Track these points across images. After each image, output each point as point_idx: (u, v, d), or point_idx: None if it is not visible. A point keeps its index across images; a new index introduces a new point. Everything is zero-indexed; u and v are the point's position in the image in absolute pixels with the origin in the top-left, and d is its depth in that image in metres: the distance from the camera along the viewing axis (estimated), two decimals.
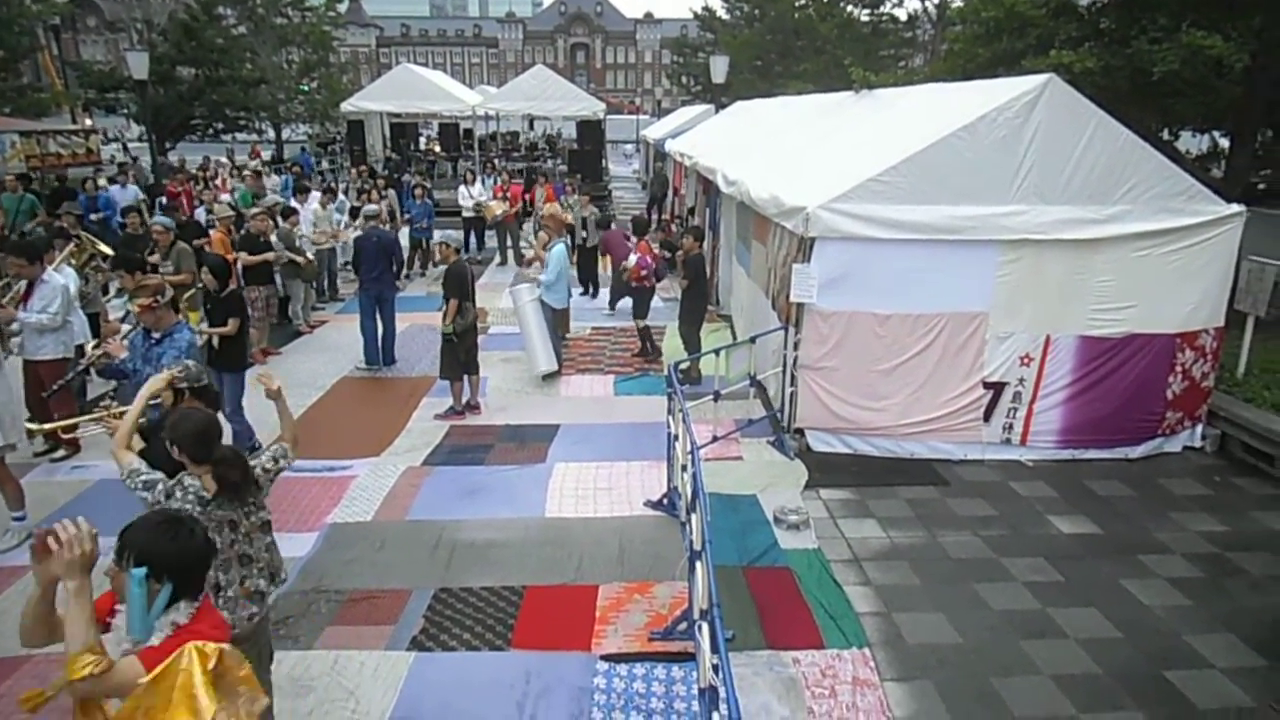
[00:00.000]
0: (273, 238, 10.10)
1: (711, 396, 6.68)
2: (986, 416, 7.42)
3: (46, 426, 5.58)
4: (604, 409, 8.68)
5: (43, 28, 29.92)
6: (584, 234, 13.54)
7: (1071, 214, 7.03)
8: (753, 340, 7.32)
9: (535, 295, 9.30)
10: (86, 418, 5.06)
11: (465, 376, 8.57)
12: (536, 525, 6.22)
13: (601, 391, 9.24)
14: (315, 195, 13.40)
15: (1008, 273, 7.14)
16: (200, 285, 7.26)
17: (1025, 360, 7.31)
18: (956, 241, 7.03)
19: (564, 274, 9.37)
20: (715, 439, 6.98)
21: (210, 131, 36.89)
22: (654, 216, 21.94)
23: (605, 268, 12.88)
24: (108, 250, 8.66)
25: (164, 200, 17.06)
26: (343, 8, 39.87)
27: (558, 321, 9.72)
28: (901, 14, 30.75)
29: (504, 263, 16.24)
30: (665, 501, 6.41)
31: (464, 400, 8.56)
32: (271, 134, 41.88)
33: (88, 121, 23.66)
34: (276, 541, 3.93)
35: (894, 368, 7.30)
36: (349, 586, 5.38)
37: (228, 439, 7.32)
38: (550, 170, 23.86)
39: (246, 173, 17.85)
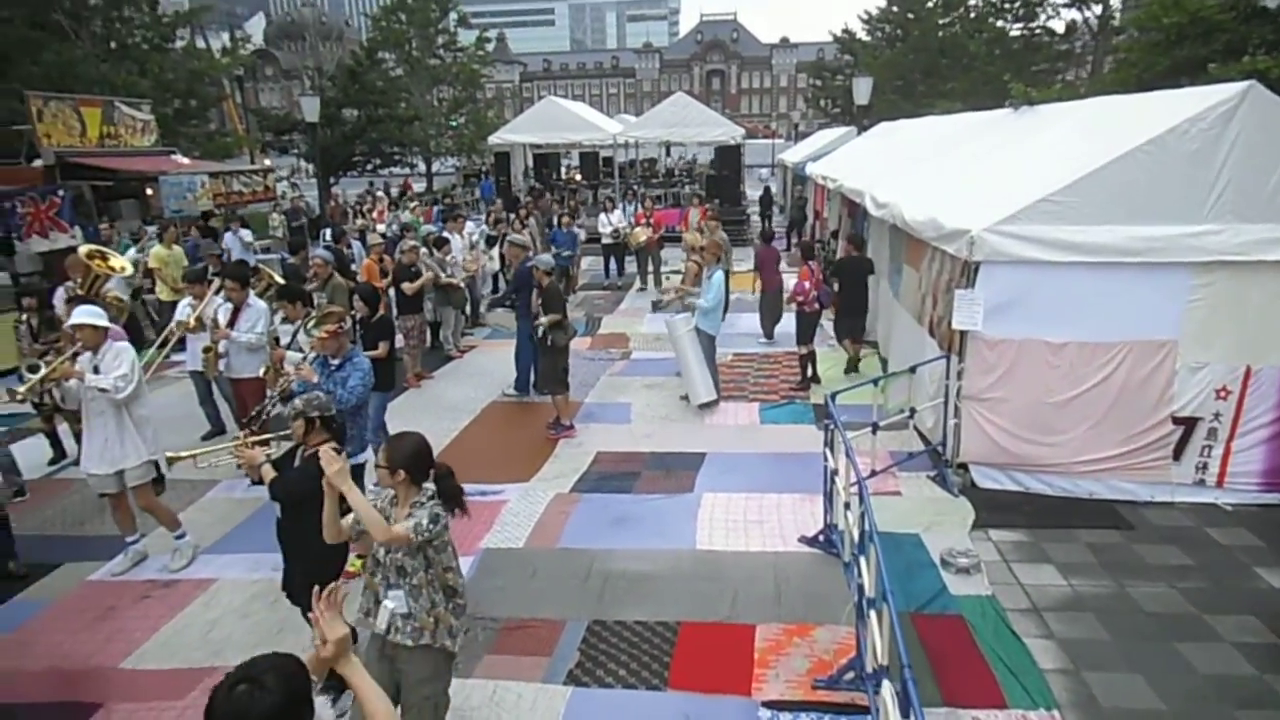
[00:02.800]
0: (425, 260, 10.43)
1: (869, 429, 6.38)
2: (1177, 455, 6.75)
3: (183, 454, 5.34)
4: (750, 438, 8.48)
5: (228, 78, 32.77)
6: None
7: (1274, 233, 6.34)
8: (912, 370, 6.97)
9: (692, 325, 9.21)
10: (219, 447, 5.21)
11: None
12: (688, 557, 6.08)
13: (747, 419, 9.04)
14: (470, 224, 13.90)
15: (1201, 297, 6.49)
16: (353, 314, 7.56)
17: (1222, 393, 6.62)
18: (1141, 264, 6.45)
19: (722, 301, 9.25)
20: (874, 473, 6.65)
21: (369, 167, 39.35)
22: (791, 240, 21.63)
23: (755, 288, 12.63)
24: (281, 280, 9.19)
25: (329, 232, 18.24)
26: (490, 47, 41.65)
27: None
28: (1058, 26, 29.16)
29: (644, 288, 16.32)
30: (821, 538, 6.14)
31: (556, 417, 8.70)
32: (423, 167, 44.27)
33: (266, 161, 25.57)
34: None
35: (1070, 400, 6.76)
36: (504, 614, 5.39)
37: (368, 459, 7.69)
38: (688, 196, 23.93)
39: (414, 204, 18.75)
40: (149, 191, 16.05)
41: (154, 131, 18.13)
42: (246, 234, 14.90)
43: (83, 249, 8.74)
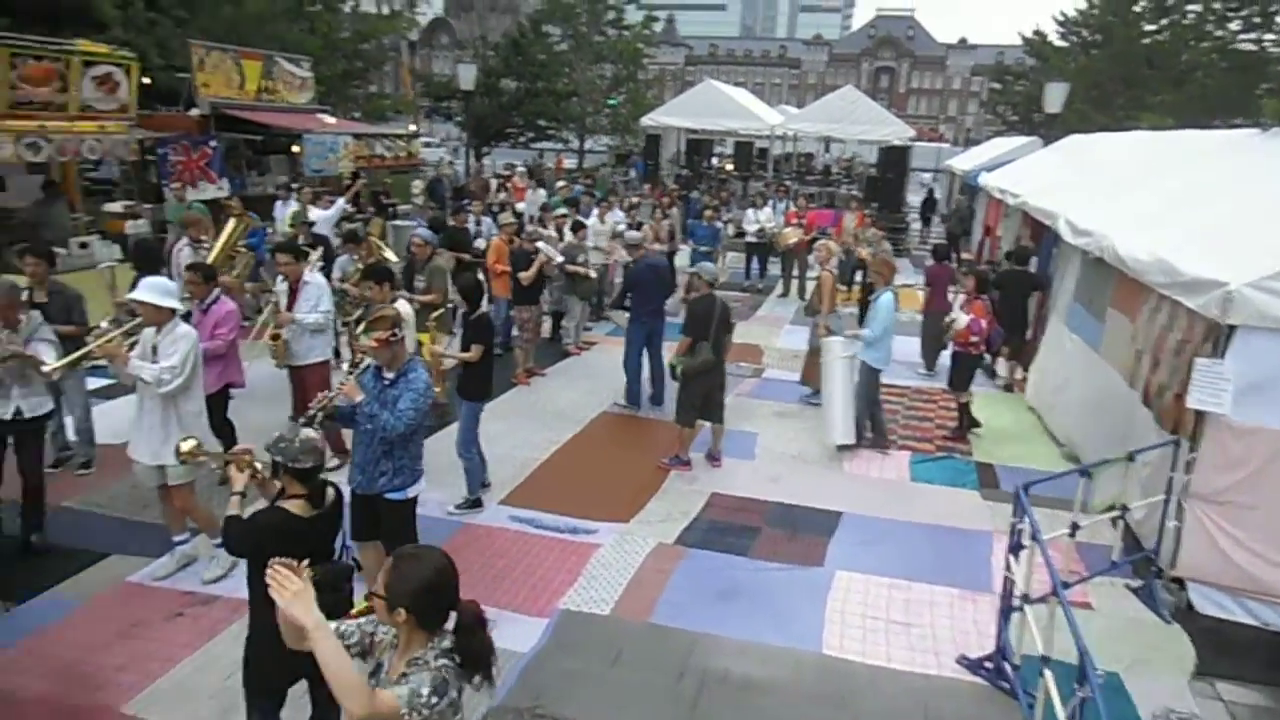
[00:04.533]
0: (541, 246, 9.45)
1: (1067, 532, 4.91)
2: None
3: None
4: (899, 498, 7.06)
5: (405, 44, 33.34)
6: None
7: None
8: (1130, 458, 5.41)
9: (851, 351, 7.84)
10: (223, 454, 4.12)
11: (706, 424, 7.48)
12: (810, 665, 4.80)
13: (894, 473, 7.62)
14: (618, 212, 12.91)
15: None
16: (450, 305, 6.65)
17: None
18: None
19: (890, 330, 7.83)
20: (1067, 585, 5.17)
21: (521, 140, 39.36)
22: (952, 256, 19.61)
23: (920, 310, 11.07)
24: (394, 257, 8.44)
25: (467, 202, 17.72)
26: (658, 27, 40.80)
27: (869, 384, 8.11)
28: None
29: (786, 294, 14.93)
30: (989, 665, 4.74)
31: (690, 452, 7.52)
32: (577, 144, 44.02)
33: (411, 127, 25.65)
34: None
35: None
36: (572, 717, 4.30)
37: (455, 478, 6.81)
38: (845, 197, 22.22)
39: (562, 184, 17.99)
40: (295, 149, 15.91)
41: (310, 89, 18.07)
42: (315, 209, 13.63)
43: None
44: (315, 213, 11.95)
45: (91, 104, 11.40)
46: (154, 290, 4.99)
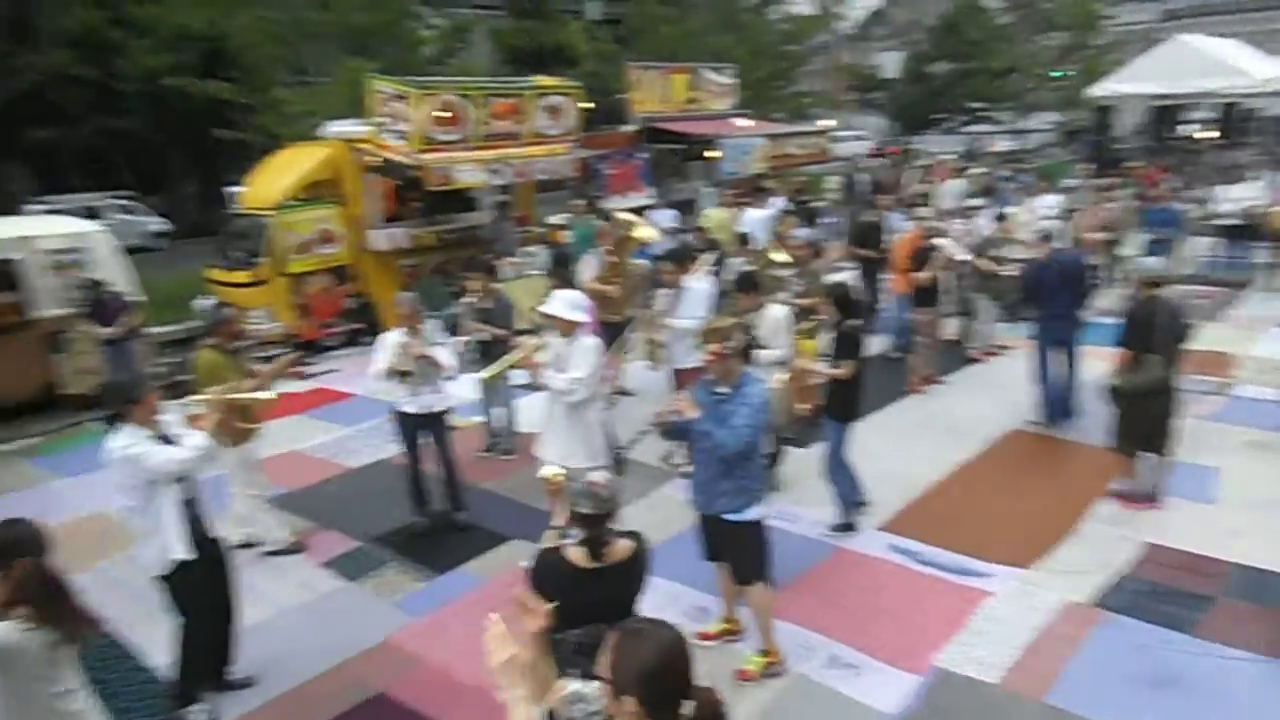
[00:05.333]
0: (939, 242, 8.50)
1: None
2: None
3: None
4: None
5: (838, 39, 33.50)
6: None
7: None
8: None
9: None
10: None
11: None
12: None
13: None
14: (1050, 198, 11.32)
15: None
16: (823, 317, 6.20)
17: None
18: None
19: None
20: None
21: (950, 125, 37.07)
22: None
23: None
24: (787, 258, 8.22)
25: (877, 196, 16.99)
26: None
27: None
28: None
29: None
30: None
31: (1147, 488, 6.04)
32: (1014, 124, 40.32)
33: (822, 123, 25.43)
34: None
35: None
36: None
37: (815, 499, 6.35)
38: None
39: (977, 170, 16.45)
40: (711, 154, 16.58)
41: (731, 95, 18.74)
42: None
43: (619, 214, 8.82)
44: (751, 213, 12.34)
45: (542, 131, 12.98)
46: (564, 304, 5.33)
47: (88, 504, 6.88)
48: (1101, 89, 22.26)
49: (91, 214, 23.34)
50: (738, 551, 4.46)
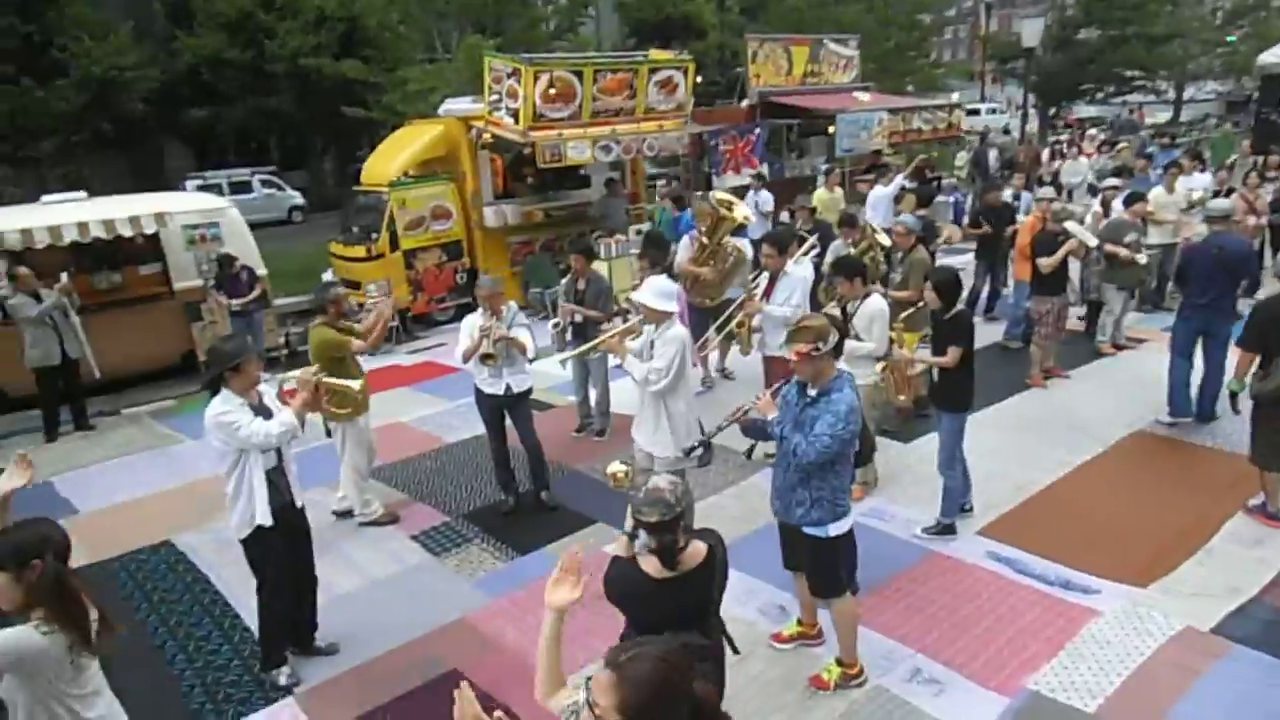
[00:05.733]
0: (1071, 226, 7.85)
1: None
2: None
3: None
4: None
5: (983, 6, 31.73)
6: None
7: None
8: None
9: None
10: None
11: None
12: None
13: None
14: (1201, 176, 10.28)
15: None
16: (923, 304, 5.82)
17: None
18: None
19: None
20: None
21: (1099, 95, 34.55)
22: None
23: None
24: (887, 242, 7.81)
25: (1008, 174, 15.99)
26: None
27: None
28: None
29: None
30: None
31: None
32: (1171, 94, 37.27)
33: (954, 96, 24.10)
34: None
35: None
36: None
37: (928, 493, 5.98)
38: None
39: (1123, 144, 15.16)
40: (831, 129, 16.01)
41: (855, 67, 18.05)
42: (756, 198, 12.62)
43: (716, 194, 8.59)
44: (876, 190, 11.93)
45: (654, 106, 12.83)
46: (653, 292, 5.20)
47: (204, 467, 7.28)
48: (1273, 54, 20.10)
49: (239, 188, 25.13)
50: (815, 567, 4.23)
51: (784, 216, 12.41)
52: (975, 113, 38.87)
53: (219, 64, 22.92)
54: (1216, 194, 10.32)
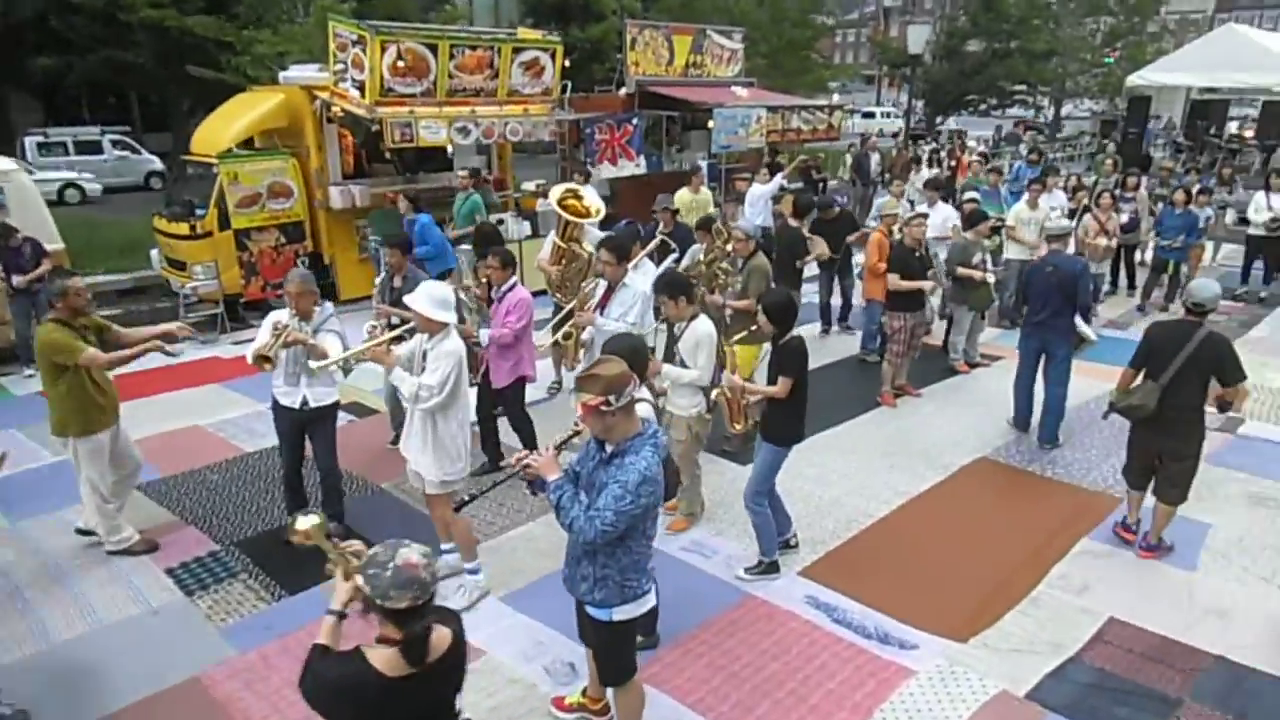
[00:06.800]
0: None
1: None
2: None
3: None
4: None
5: (882, 10, 31.96)
6: None
7: None
8: None
9: None
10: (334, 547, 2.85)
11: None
12: None
13: None
14: (1053, 196, 10.22)
15: None
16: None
17: None
18: None
19: None
20: None
21: (982, 107, 35.50)
22: None
23: None
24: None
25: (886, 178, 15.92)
26: None
27: None
28: None
29: None
30: None
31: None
32: (1051, 111, 38.69)
33: (836, 98, 24.15)
34: None
35: None
36: None
37: (740, 531, 5.47)
38: None
39: (970, 159, 15.15)
40: (711, 124, 15.55)
41: (739, 61, 17.62)
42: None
43: (555, 190, 7.92)
44: (754, 189, 11.50)
45: (518, 89, 12.04)
46: (427, 299, 4.53)
47: None
48: (1140, 77, 20.88)
49: (87, 149, 22.95)
50: (598, 651, 3.65)
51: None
52: (871, 115, 39.55)
53: (67, 9, 20.70)
54: (1073, 213, 10.32)
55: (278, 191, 10.93)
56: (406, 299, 4.73)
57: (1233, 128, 26.23)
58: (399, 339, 4.83)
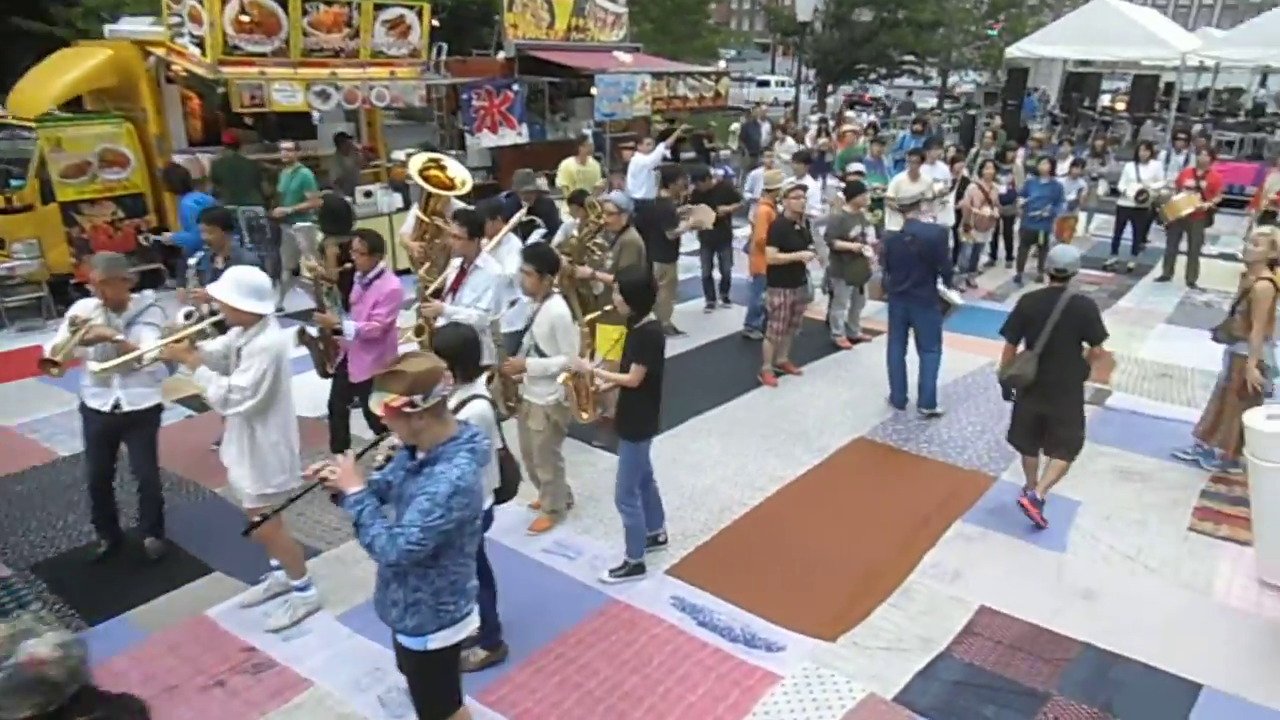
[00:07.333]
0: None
1: None
2: None
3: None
4: None
5: None
6: None
7: None
8: None
9: None
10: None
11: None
12: None
13: None
14: (933, 168, 10.13)
15: None
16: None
17: None
18: None
19: None
20: None
21: (872, 77, 35.96)
22: None
23: None
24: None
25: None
26: None
27: None
28: None
29: (1167, 277, 11.16)
30: None
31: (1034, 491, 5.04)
32: (938, 81, 39.52)
33: (721, 64, 23.89)
34: None
35: None
36: None
37: (609, 528, 5.19)
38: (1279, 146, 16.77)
39: (847, 129, 15.04)
40: (594, 91, 15.02)
41: (624, 25, 17.09)
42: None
43: (416, 159, 7.28)
44: (636, 159, 11.00)
45: (382, 49, 11.24)
46: (235, 287, 3.93)
47: None
48: (1019, 49, 21.32)
49: None
50: (411, 682, 3.21)
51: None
52: (766, 84, 39.56)
53: None
54: (954, 185, 10.28)
55: (111, 160, 9.87)
56: (210, 288, 4.14)
57: (1106, 100, 27.20)
58: (203, 334, 4.23)
